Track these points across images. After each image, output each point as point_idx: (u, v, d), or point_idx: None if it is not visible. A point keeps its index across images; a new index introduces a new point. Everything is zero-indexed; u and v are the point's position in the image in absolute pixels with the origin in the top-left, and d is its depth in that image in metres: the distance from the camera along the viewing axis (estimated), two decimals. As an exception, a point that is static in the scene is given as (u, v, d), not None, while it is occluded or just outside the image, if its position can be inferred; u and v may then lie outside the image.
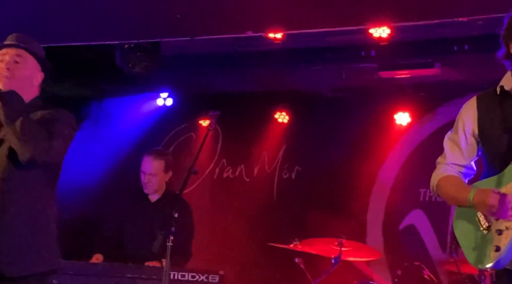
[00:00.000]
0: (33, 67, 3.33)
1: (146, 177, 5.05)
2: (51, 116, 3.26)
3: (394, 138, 6.26)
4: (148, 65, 5.36)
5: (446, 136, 3.00)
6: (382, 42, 5.08)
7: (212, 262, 5.79)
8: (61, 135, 3.22)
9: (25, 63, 3.29)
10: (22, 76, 3.27)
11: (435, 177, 2.95)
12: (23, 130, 3.08)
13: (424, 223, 6.02)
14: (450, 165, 2.94)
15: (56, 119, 3.25)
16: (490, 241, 2.69)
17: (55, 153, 3.19)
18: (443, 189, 2.92)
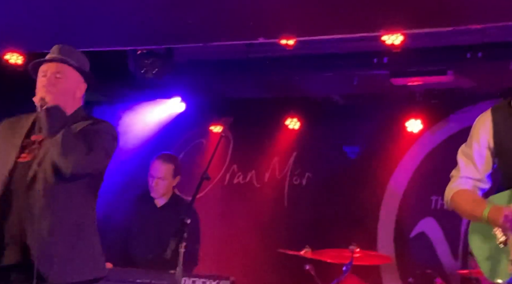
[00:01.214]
0: (75, 80, 3.37)
1: (154, 181, 5.06)
2: (92, 128, 3.29)
3: (406, 146, 6.24)
4: (160, 71, 5.38)
5: (460, 149, 2.98)
6: (395, 49, 5.06)
7: (223, 268, 5.78)
8: (102, 147, 3.25)
9: (66, 77, 3.32)
10: (63, 90, 3.29)
11: (449, 191, 2.94)
12: (64, 143, 3.11)
13: (435, 230, 5.98)
14: (464, 178, 2.92)
15: (97, 130, 3.28)
16: (507, 254, 2.68)
17: (96, 165, 3.23)
18: (457, 203, 2.91)
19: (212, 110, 6.37)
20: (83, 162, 3.15)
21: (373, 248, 5.88)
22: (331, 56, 5.50)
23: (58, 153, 3.12)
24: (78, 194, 3.25)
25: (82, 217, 3.25)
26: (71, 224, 3.20)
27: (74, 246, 3.19)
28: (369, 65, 5.41)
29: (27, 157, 3.21)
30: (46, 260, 3.11)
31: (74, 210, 3.22)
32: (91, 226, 3.30)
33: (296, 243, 5.17)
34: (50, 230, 3.14)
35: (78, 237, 3.21)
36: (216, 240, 5.92)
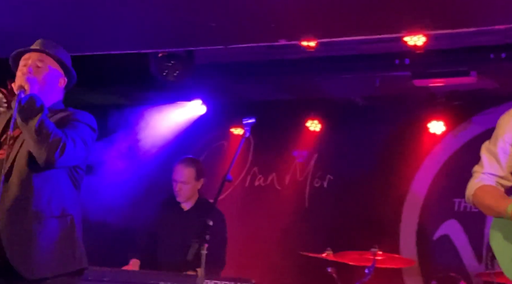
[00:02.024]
0: (55, 71, 3.36)
1: (177, 185, 5.07)
2: (70, 118, 3.27)
3: (428, 148, 6.19)
4: (181, 73, 5.39)
5: (483, 146, 2.95)
6: (417, 50, 5.03)
7: (244, 271, 5.77)
8: (80, 138, 3.21)
9: (47, 67, 3.33)
10: (43, 79, 3.30)
11: (472, 187, 2.91)
12: (38, 131, 3.07)
13: (459, 233, 5.93)
14: (487, 174, 2.89)
15: (74, 120, 3.26)
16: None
17: (74, 155, 3.18)
18: (480, 198, 2.87)
19: (233, 112, 6.37)
20: (58, 151, 3.09)
21: (395, 250, 5.84)
22: (352, 57, 5.47)
23: (33, 139, 3.08)
24: (57, 186, 3.22)
25: (61, 209, 3.20)
26: (47, 216, 3.16)
27: (48, 240, 3.15)
28: (391, 67, 5.38)
29: (4, 154, 3.19)
30: (18, 254, 3.09)
31: (52, 202, 3.18)
32: (70, 216, 3.24)
33: (318, 246, 5.15)
34: (25, 224, 3.11)
35: (54, 230, 3.17)
36: (238, 242, 5.90)
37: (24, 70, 3.30)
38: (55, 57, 3.37)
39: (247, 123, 3.91)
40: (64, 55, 3.43)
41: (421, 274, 5.90)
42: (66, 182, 3.25)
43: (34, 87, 3.20)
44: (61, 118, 3.25)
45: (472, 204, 2.93)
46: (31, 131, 3.09)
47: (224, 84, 6.21)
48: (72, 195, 3.28)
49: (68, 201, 3.24)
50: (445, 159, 6.15)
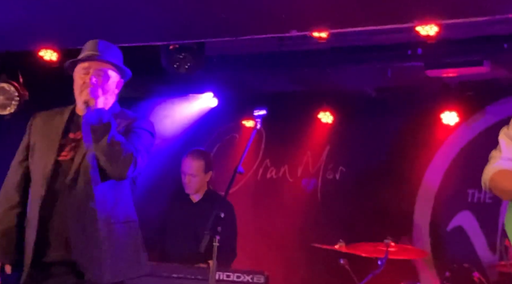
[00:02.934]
0: (114, 77, 3.38)
1: (186, 177, 5.08)
2: (134, 125, 3.31)
3: (441, 138, 6.15)
4: (192, 65, 5.37)
5: (502, 131, 2.92)
6: (430, 40, 4.98)
7: (256, 263, 5.78)
8: (145, 149, 3.28)
9: (107, 75, 3.34)
10: (105, 89, 3.31)
11: (489, 171, 2.88)
12: (110, 147, 3.12)
13: (472, 224, 5.90)
14: (506, 159, 2.87)
15: (138, 128, 3.30)
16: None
17: (140, 167, 3.25)
18: (497, 182, 2.84)
19: (245, 104, 6.34)
20: (132, 167, 3.16)
21: (408, 242, 5.81)
22: (364, 48, 5.43)
23: (104, 160, 3.14)
24: (121, 192, 3.26)
25: (125, 215, 3.25)
26: (114, 222, 3.20)
27: (116, 245, 3.18)
28: (403, 57, 5.33)
29: (68, 155, 3.22)
30: (87, 259, 3.11)
31: (117, 208, 3.22)
32: (134, 222, 3.30)
33: (330, 238, 5.14)
34: (93, 229, 3.14)
35: (121, 235, 3.21)
36: (249, 234, 5.91)
37: (85, 80, 3.28)
38: (113, 63, 3.38)
39: (258, 115, 3.90)
40: (119, 56, 3.45)
41: (435, 266, 5.87)
42: (127, 188, 3.31)
43: (98, 100, 3.22)
44: (125, 126, 3.28)
45: (489, 189, 2.90)
46: (103, 149, 3.13)
47: (236, 77, 6.19)
48: (132, 201, 3.34)
49: (131, 207, 3.31)
50: (458, 150, 6.11)
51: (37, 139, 3.33)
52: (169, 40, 5.32)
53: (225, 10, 4.68)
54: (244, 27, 4.95)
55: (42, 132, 3.34)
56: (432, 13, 4.57)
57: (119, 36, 5.14)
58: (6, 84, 5.66)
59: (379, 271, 4.71)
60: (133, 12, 4.75)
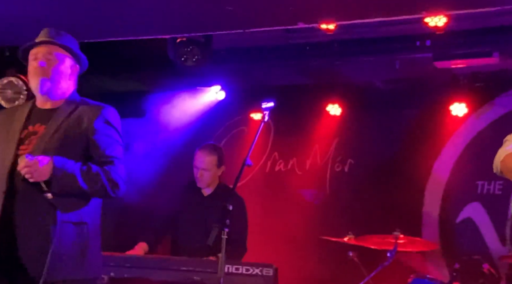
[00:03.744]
0: (67, 62, 3.30)
1: (199, 172, 5.08)
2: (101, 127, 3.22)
3: (450, 130, 6.13)
4: (200, 58, 5.36)
5: None
6: (438, 31, 4.95)
7: (265, 256, 5.76)
8: (118, 158, 3.23)
9: (58, 59, 3.27)
10: (56, 73, 3.25)
11: (502, 153, 2.86)
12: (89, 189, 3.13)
13: (482, 216, 5.88)
14: None
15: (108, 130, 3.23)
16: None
17: (124, 179, 3.23)
18: (508, 164, 2.82)
19: (252, 97, 6.34)
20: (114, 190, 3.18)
21: (417, 234, 5.80)
22: (372, 40, 5.41)
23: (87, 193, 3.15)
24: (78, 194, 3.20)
25: (79, 216, 3.19)
26: (67, 221, 3.14)
27: (68, 244, 3.13)
28: (412, 49, 5.30)
29: (27, 149, 3.16)
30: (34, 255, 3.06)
31: (73, 208, 3.16)
32: (92, 224, 3.23)
33: (339, 230, 5.13)
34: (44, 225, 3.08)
35: (74, 234, 3.15)
36: (258, 227, 5.90)
37: (35, 65, 3.24)
38: (63, 46, 3.30)
39: (266, 108, 3.89)
40: (71, 42, 3.37)
41: (444, 257, 5.86)
42: None
43: (48, 84, 3.19)
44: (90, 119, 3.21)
45: (500, 171, 2.88)
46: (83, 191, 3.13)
47: (243, 69, 6.18)
48: (93, 203, 3.26)
49: (87, 209, 3.22)
50: (467, 141, 6.09)
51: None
52: (177, 33, 5.31)
53: (233, 2, 4.67)
54: (252, 20, 4.93)
55: (3, 127, 3.29)
56: (441, 4, 4.54)
57: (126, 30, 5.15)
58: (14, 78, 5.67)
59: (388, 263, 4.70)
60: (140, 6, 4.74)
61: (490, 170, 3.01)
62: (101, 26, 4.98)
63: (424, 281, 4.59)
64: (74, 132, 3.21)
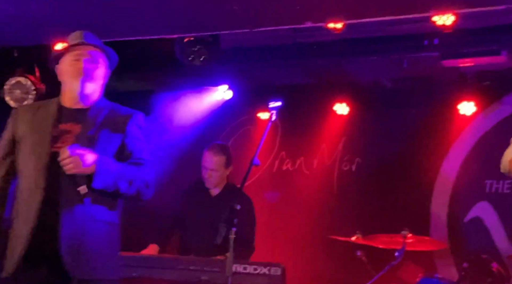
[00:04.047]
0: (104, 66, 3.33)
1: (208, 172, 5.09)
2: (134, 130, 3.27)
3: (458, 129, 6.11)
4: (207, 58, 5.37)
5: None
6: (446, 30, 4.93)
7: (273, 255, 5.77)
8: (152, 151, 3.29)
9: (99, 62, 3.29)
10: (98, 75, 3.28)
11: (510, 152, 2.86)
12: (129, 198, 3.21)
13: (490, 215, 5.86)
14: None
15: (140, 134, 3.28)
16: None
17: (153, 183, 3.28)
18: None
19: (259, 97, 6.33)
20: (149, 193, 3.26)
21: (425, 233, 5.78)
22: (379, 39, 5.39)
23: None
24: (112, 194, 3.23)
25: (112, 215, 3.23)
26: (101, 220, 3.17)
27: (101, 243, 3.16)
28: (419, 47, 5.29)
29: (62, 147, 3.15)
30: (74, 254, 3.09)
31: (106, 207, 3.20)
32: (117, 225, 3.26)
33: (347, 229, 5.13)
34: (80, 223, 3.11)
35: (106, 234, 3.19)
36: (265, 226, 5.90)
37: (78, 65, 3.23)
38: (104, 51, 3.32)
39: (274, 107, 3.89)
40: (107, 47, 3.38)
41: (453, 257, 5.84)
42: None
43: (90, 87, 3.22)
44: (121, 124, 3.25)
45: (508, 171, 2.88)
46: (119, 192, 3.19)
47: (250, 69, 6.17)
48: (121, 204, 3.31)
49: (118, 210, 3.28)
50: (475, 140, 6.07)
51: (26, 133, 3.27)
52: (184, 32, 5.32)
53: (240, 2, 4.67)
54: (259, 19, 4.94)
55: (30, 125, 3.28)
56: (449, 3, 4.53)
57: (133, 29, 5.16)
58: (22, 78, 5.69)
59: (396, 262, 4.69)
60: (147, 5, 4.75)
61: (498, 169, 3.00)
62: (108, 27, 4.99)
63: (433, 280, 4.58)
64: (109, 134, 3.24)
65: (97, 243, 3.14)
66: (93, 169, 3.10)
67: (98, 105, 3.30)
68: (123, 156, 3.26)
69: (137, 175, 3.21)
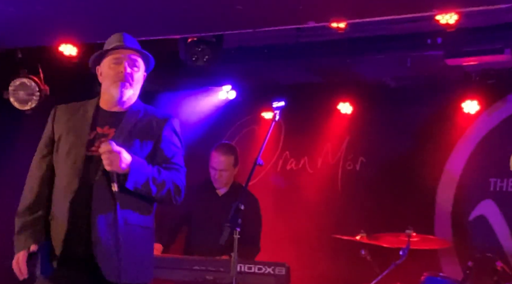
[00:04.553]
0: (143, 70, 3.36)
1: (217, 173, 5.10)
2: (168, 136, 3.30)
3: (462, 128, 6.11)
4: (211, 58, 5.37)
5: None
6: (449, 29, 4.93)
7: (277, 254, 5.78)
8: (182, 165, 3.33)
9: (139, 66, 3.31)
10: (137, 80, 3.31)
11: None
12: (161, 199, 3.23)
13: (495, 213, 5.85)
14: None
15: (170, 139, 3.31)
16: None
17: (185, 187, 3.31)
18: None
19: (263, 96, 6.34)
20: (179, 196, 3.29)
21: (430, 232, 5.78)
22: (383, 38, 5.39)
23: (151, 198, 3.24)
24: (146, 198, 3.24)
25: (145, 221, 3.25)
26: (135, 224, 3.19)
27: (135, 247, 3.17)
28: (423, 46, 5.28)
29: (97, 151, 3.18)
30: (106, 257, 3.10)
31: (140, 211, 3.22)
32: (151, 230, 3.29)
33: (351, 228, 5.13)
34: (114, 228, 3.12)
35: (140, 238, 3.20)
36: (270, 226, 5.90)
37: (119, 70, 3.24)
38: (144, 55, 3.34)
39: (277, 107, 3.89)
40: (145, 51, 3.40)
41: (457, 255, 5.84)
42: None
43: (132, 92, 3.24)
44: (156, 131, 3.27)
45: None
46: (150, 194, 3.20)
47: (254, 69, 6.18)
48: (154, 208, 3.33)
49: (151, 214, 3.30)
50: (479, 139, 6.06)
51: (63, 133, 3.29)
52: (187, 33, 5.32)
53: (243, 2, 4.67)
54: (262, 19, 4.93)
55: (67, 126, 3.30)
56: (452, 1, 4.52)
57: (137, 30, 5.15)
58: (26, 79, 5.70)
59: (401, 261, 4.69)
60: (151, 6, 4.75)
61: (502, 167, 3.00)
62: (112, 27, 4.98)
63: (437, 279, 4.58)
64: (143, 137, 3.26)
65: (131, 247, 3.14)
66: (128, 169, 3.12)
67: (135, 108, 3.32)
68: (157, 159, 3.28)
69: (170, 180, 3.23)
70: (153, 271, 3.35)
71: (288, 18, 4.90)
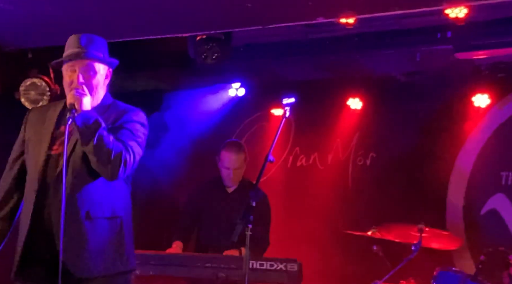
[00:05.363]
0: (102, 70, 3.30)
1: (232, 172, 5.11)
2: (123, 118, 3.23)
3: (473, 121, 6.09)
4: (220, 56, 5.38)
5: None
6: (459, 23, 4.91)
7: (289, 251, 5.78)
8: (137, 143, 3.21)
9: (95, 71, 3.26)
10: (94, 85, 3.25)
11: None
12: (97, 148, 3.07)
13: (507, 207, 5.83)
14: None
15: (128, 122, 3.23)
16: None
17: (134, 164, 3.20)
18: None
19: (273, 93, 6.34)
20: (122, 167, 3.11)
21: (442, 226, 5.77)
22: (392, 33, 5.38)
23: (95, 161, 3.10)
24: (111, 188, 3.21)
25: (112, 211, 3.21)
26: (100, 217, 3.16)
27: (103, 239, 3.15)
28: (432, 41, 5.27)
29: (58, 149, 3.19)
30: (71, 253, 3.09)
31: (104, 203, 3.19)
32: (119, 218, 3.24)
33: (362, 224, 5.13)
34: (76, 223, 3.11)
35: (108, 229, 3.18)
36: (281, 222, 5.91)
37: (73, 78, 3.21)
38: (99, 59, 3.28)
39: (287, 103, 3.89)
40: (104, 47, 3.34)
41: (469, 249, 5.82)
42: (119, 183, 3.24)
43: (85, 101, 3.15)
44: (113, 120, 3.23)
45: None
46: (91, 151, 3.09)
47: (263, 65, 6.18)
48: (124, 195, 3.29)
49: (119, 202, 3.25)
50: (490, 132, 6.04)
51: (31, 134, 3.31)
52: (196, 31, 5.33)
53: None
54: (271, 16, 4.93)
55: (35, 126, 3.32)
56: (461, -5, 4.51)
57: (146, 29, 5.17)
58: (37, 79, 5.72)
59: (413, 256, 4.68)
60: (159, 4, 4.76)
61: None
62: (121, 27, 5.01)
63: (449, 273, 4.57)
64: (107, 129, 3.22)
65: (98, 241, 3.14)
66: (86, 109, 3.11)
67: (102, 104, 3.29)
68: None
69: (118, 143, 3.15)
70: (156, 266, 3.31)
71: (297, 14, 4.89)
